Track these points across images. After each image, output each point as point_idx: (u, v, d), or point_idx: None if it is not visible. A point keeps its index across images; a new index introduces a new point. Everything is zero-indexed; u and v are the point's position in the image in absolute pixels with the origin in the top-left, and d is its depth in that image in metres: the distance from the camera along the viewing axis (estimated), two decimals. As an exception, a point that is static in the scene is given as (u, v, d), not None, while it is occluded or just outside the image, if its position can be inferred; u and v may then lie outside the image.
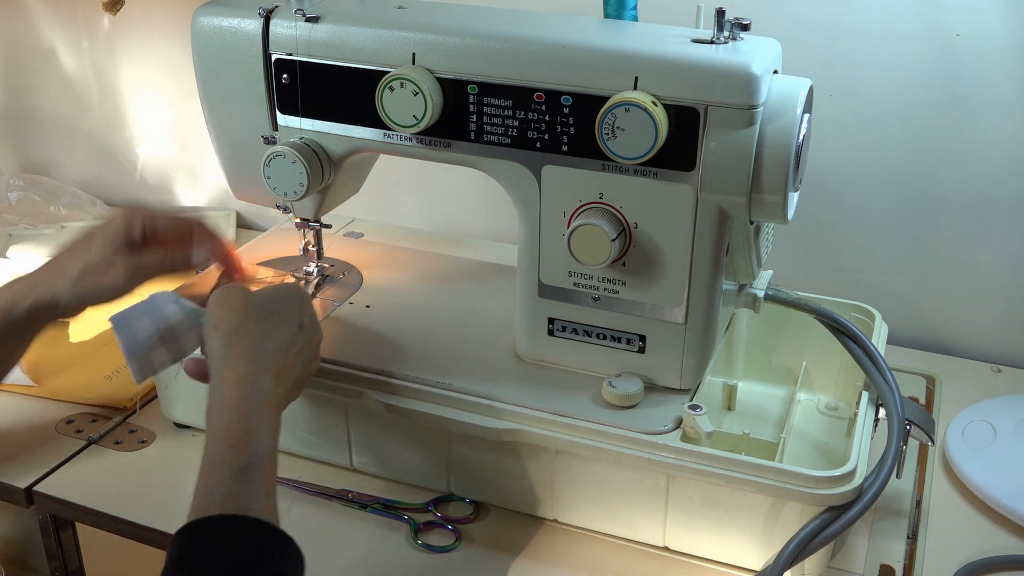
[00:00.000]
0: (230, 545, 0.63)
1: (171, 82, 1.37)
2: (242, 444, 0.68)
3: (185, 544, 0.62)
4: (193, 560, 0.62)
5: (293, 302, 0.77)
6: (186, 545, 0.62)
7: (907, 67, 1.01)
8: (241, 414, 0.69)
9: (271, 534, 0.65)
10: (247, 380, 0.71)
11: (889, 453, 0.77)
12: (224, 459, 0.67)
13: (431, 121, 0.79)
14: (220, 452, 0.67)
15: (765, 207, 0.74)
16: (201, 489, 0.66)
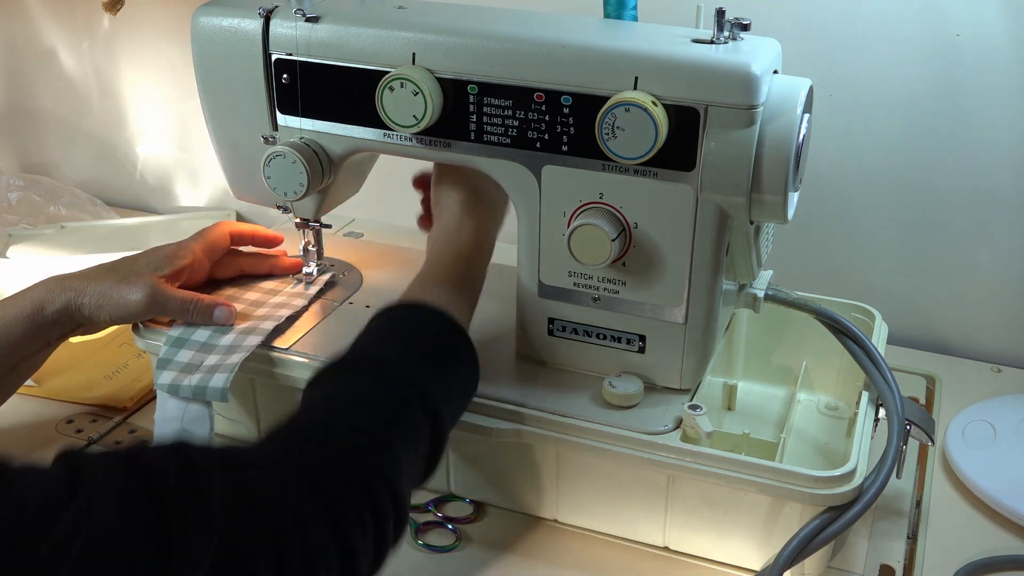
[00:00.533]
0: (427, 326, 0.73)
1: (171, 82, 1.37)
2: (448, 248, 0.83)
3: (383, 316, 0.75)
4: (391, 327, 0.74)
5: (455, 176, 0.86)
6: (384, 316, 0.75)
7: (907, 67, 1.01)
8: None
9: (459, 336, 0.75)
10: None
11: (889, 453, 0.77)
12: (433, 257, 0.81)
13: (431, 121, 0.79)
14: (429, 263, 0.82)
15: (765, 207, 0.74)
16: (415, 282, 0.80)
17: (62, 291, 0.83)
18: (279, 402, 0.88)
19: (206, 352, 0.86)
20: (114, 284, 0.84)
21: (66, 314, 0.83)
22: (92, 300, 0.83)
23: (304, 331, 0.90)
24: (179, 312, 0.87)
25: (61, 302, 0.83)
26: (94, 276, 0.85)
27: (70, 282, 0.84)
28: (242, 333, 0.87)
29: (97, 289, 0.84)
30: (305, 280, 0.98)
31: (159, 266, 0.87)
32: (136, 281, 0.85)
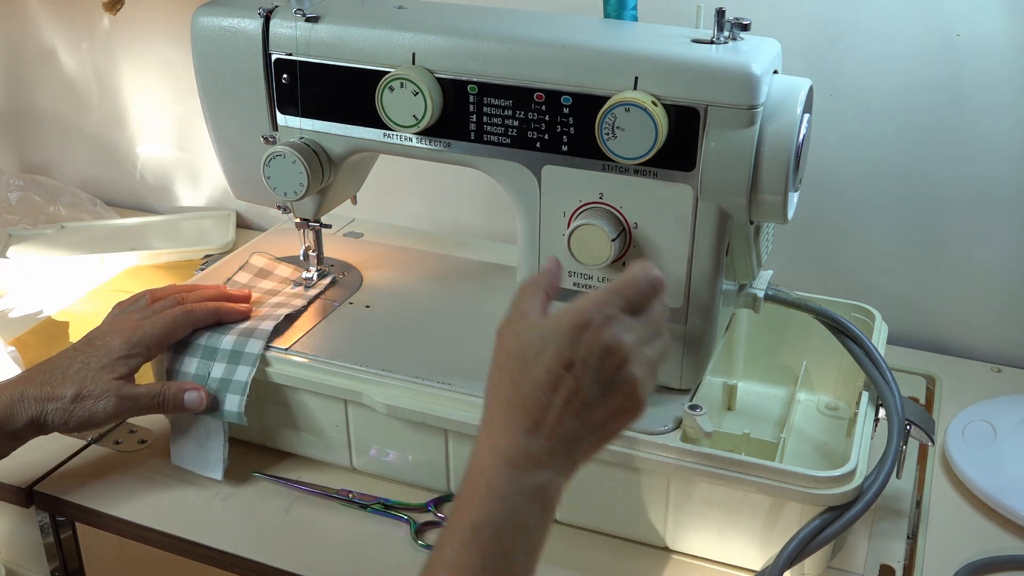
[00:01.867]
0: None
1: (171, 82, 1.37)
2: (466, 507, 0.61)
3: None
4: None
5: (561, 334, 0.63)
6: None
7: (907, 67, 1.01)
8: (474, 479, 0.62)
9: None
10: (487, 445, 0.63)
11: (889, 453, 0.77)
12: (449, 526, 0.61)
13: (431, 121, 0.79)
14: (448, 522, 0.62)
15: (765, 207, 0.74)
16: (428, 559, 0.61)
17: (23, 407, 0.81)
18: (279, 402, 0.88)
19: (210, 359, 0.86)
20: (74, 398, 0.81)
21: (31, 428, 0.82)
22: (57, 417, 0.81)
23: (304, 331, 0.90)
24: (150, 408, 0.84)
25: (24, 419, 0.81)
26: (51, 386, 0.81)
27: (30, 394, 0.81)
28: (242, 335, 0.87)
29: (58, 405, 0.81)
30: (305, 283, 0.98)
31: (114, 367, 0.83)
32: (96, 391, 0.82)
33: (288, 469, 0.90)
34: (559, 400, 0.62)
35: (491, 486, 0.61)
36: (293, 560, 0.80)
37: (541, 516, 0.62)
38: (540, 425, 0.62)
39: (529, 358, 0.63)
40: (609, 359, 0.63)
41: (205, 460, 0.87)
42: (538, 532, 0.62)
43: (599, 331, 0.63)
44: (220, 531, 0.84)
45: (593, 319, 0.63)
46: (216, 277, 0.99)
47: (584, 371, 0.62)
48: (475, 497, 0.61)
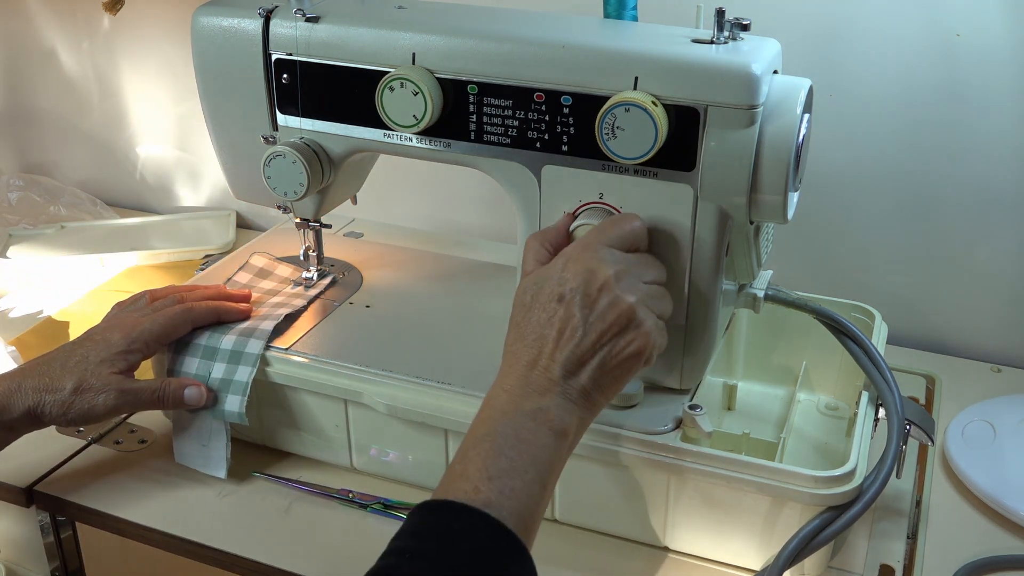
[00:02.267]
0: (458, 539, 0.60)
1: (171, 82, 1.38)
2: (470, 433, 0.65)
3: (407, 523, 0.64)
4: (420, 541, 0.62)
5: (550, 273, 0.69)
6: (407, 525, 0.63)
7: (907, 67, 1.01)
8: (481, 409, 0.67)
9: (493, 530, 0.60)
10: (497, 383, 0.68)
11: (889, 453, 0.77)
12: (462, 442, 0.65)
13: (431, 121, 0.79)
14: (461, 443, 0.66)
15: (765, 207, 0.74)
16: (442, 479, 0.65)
17: (21, 397, 0.80)
18: (279, 402, 0.88)
19: (210, 359, 0.86)
20: (74, 391, 0.81)
21: (26, 420, 0.81)
22: (55, 408, 0.80)
23: (304, 331, 0.90)
24: (150, 404, 0.84)
25: (21, 409, 0.80)
26: (49, 378, 0.81)
27: (28, 385, 0.80)
28: (242, 335, 0.87)
29: (57, 397, 0.80)
30: (305, 283, 0.98)
31: (113, 361, 0.83)
32: (96, 384, 0.81)
33: (288, 469, 0.90)
34: (554, 331, 0.67)
35: (494, 410, 0.65)
36: (293, 560, 0.80)
37: (550, 437, 0.65)
38: (538, 358, 0.67)
39: (527, 302, 0.69)
40: (592, 281, 0.68)
41: (208, 459, 0.87)
42: (547, 452, 0.64)
43: (579, 260, 0.69)
44: (220, 531, 0.84)
45: (575, 252, 0.70)
46: (216, 277, 0.99)
47: (572, 299, 0.67)
48: (479, 420, 0.66)
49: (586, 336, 0.67)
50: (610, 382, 0.68)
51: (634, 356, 0.68)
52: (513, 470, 0.62)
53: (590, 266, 0.68)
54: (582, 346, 0.67)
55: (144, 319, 0.86)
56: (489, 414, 0.65)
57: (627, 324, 0.68)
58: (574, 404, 0.66)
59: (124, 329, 0.85)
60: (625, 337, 0.68)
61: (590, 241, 0.71)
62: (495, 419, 0.65)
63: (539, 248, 0.75)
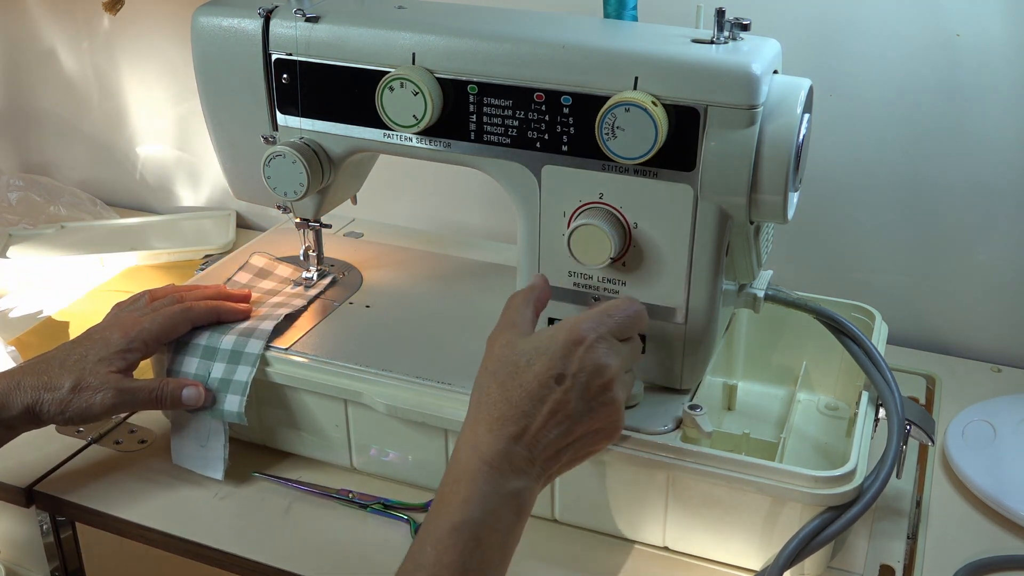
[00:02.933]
0: None
1: (171, 82, 1.38)
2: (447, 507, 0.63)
3: None
4: None
5: (554, 347, 0.66)
6: None
7: (907, 67, 1.01)
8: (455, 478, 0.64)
9: None
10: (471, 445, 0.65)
11: (889, 453, 0.77)
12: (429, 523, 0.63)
13: (431, 121, 0.79)
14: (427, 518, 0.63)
15: (765, 207, 0.74)
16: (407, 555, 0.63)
17: (20, 395, 0.80)
18: (279, 402, 0.88)
19: (210, 359, 0.86)
20: (72, 389, 0.80)
21: (26, 418, 0.81)
22: (53, 407, 0.80)
23: (304, 331, 0.90)
24: (148, 403, 0.84)
25: (20, 407, 0.80)
26: (48, 376, 0.81)
27: (27, 383, 0.80)
28: (242, 335, 0.87)
29: (55, 396, 0.80)
30: (305, 283, 0.98)
31: (112, 360, 0.82)
32: (94, 382, 0.81)
33: (288, 469, 0.90)
34: (546, 411, 0.65)
35: (472, 488, 0.63)
36: (293, 560, 0.80)
37: (516, 520, 0.64)
38: (524, 432, 0.65)
39: (521, 366, 0.66)
40: (597, 377, 0.66)
41: (206, 460, 0.87)
42: (512, 534, 0.64)
43: (591, 349, 0.67)
44: (220, 531, 0.84)
45: (587, 337, 0.67)
46: (216, 277, 0.99)
47: (573, 386, 0.65)
48: (456, 499, 0.63)
49: (575, 427, 0.66)
50: (571, 466, 0.69)
51: (601, 447, 0.69)
52: (485, 561, 0.62)
53: (600, 361, 0.66)
54: (569, 435, 0.66)
55: (143, 318, 0.86)
56: (467, 493, 0.63)
57: (612, 425, 0.68)
58: (540, 483, 0.66)
59: (123, 328, 0.85)
60: (603, 432, 0.68)
61: (600, 324, 0.68)
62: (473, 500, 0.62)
63: (530, 306, 0.73)
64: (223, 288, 0.94)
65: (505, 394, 0.66)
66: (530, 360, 0.66)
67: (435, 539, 0.61)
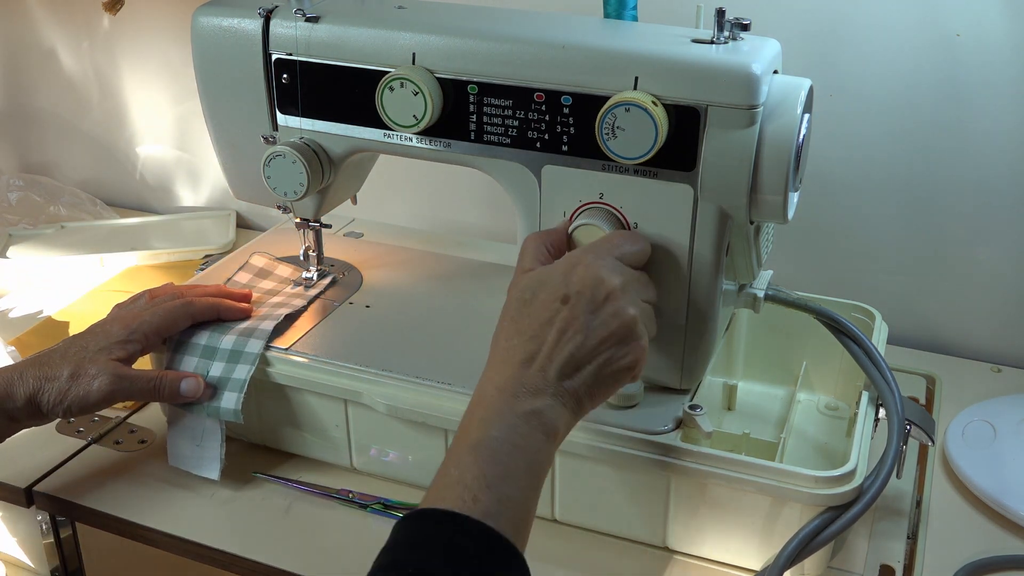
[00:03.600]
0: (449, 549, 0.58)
1: (171, 82, 1.38)
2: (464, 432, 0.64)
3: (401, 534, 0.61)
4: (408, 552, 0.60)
5: (555, 273, 0.69)
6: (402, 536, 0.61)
7: (907, 67, 1.01)
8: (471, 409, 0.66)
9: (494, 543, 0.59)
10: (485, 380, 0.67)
11: (889, 453, 0.77)
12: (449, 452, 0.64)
13: (431, 121, 0.79)
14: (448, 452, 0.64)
15: (765, 207, 0.74)
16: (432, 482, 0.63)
17: (22, 385, 0.80)
18: (279, 402, 0.88)
19: (209, 358, 0.86)
20: (71, 377, 0.80)
21: (28, 410, 0.80)
22: (53, 396, 0.80)
23: (304, 331, 0.90)
24: (146, 393, 0.84)
25: (23, 397, 0.80)
26: (49, 367, 0.81)
27: (29, 373, 0.80)
28: (242, 335, 0.87)
29: (55, 385, 0.80)
30: (305, 283, 0.98)
31: (111, 349, 0.83)
32: (93, 371, 0.81)
33: (288, 469, 0.90)
34: (554, 331, 0.66)
35: (487, 411, 0.64)
36: (293, 560, 0.80)
37: (542, 441, 0.64)
38: (535, 356, 0.66)
39: (527, 299, 0.68)
40: (600, 288, 0.68)
41: (201, 460, 0.87)
42: (540, 456, 0.64)
43: (590, 267, 0.69)
44: (220, 531, 0.84)
45: (585, 257, 0.70)
46: (216, 277, 0.99)
47: (577, 302, 0.67)
48: (471, 421, 0.64)
49: (587, 340, 0.66)
50: (601, 390, 0.68)
51: (627, 369, 0.68)
52: (509, 476, 0.62)
53: (599, 273, 0.68)
54: (582, 349, 0.66)
55: (144, 312, 0.86)
56: (483, 415, 0.65)
57: (627, 336, 0.68)
58: (564, 407, 0.66)
59: (124, 321, 0.85)
60: (623, 348, 0.68)
61: (600, 249, 0.71)
62: (490, 421, 0.64)
63: (539, 247, 0.75)
64: (223, 287, 0.94)
65: (516, 327, 0.68)
66: (535, 291, 0.68)
67: (455, 459, 0.63)
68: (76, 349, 0.83)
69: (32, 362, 0.82)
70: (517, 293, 0.70)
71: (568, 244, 0.77)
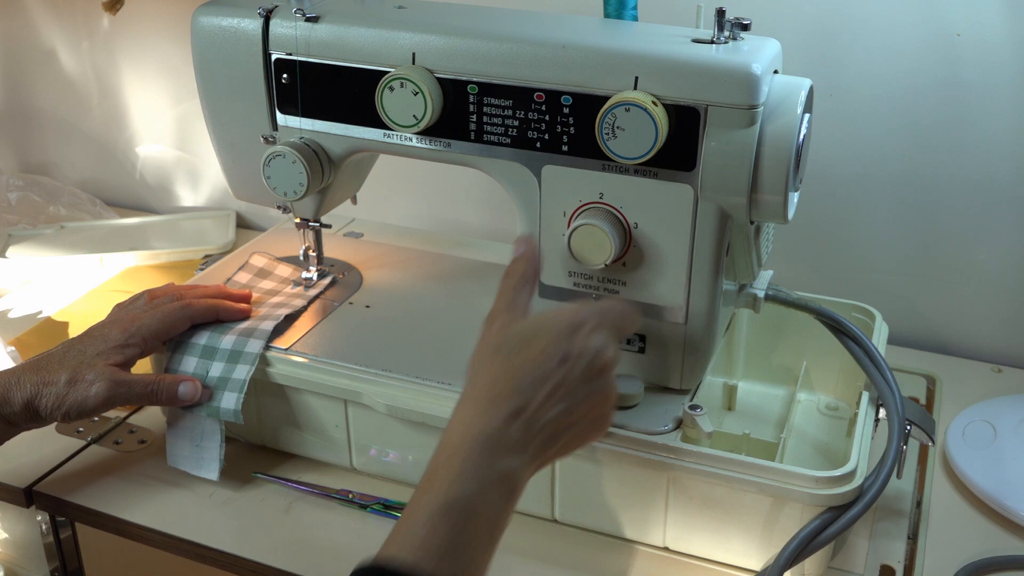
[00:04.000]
0: None
1: (171, 82, 1.38)
2: (439, 482, 0.61)
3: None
4: None
5: (557, 328, 0.66)
6: None
7: (907, 67, 1.01)
8: (449, 453, 0.62)
9: None
10: (467, 421, 0.64)
11: (889, 453, 0.77)
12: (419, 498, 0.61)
13: (431, 121, 0.79)
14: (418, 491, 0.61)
15: (765, 207, 0.74)
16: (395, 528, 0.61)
17: (20, 390, 0.80)
18: (279, 402, 0.88)
19: (209, 358, 0.86)
20: (68, 382, 0.80)
21: (26, 414, 0.80)
22: (51, 401, 0.80)
23: (304, 331, 0.90)
24: (143, 397, 0.84)
25: (20, 402, 0.80)
26: (46, 371, 0.81)
27: (26, 379, 0.80)
28: (242, 335, 0.87)
29: (53, 390, 0.80)
30: (305, 283, 0.98)
31: (109, 354, 0.82)
32: (90, 376, 0.81)
33: (288, 469, 0.90)
34: (546, 390, 0.64)
35: (465, 465, 0.61)
36: (293, 560, 0.80)
37: (506, 503, 0.63)
38: (522, 411, 0.63)
39: (523, 346, 0.66)
40: (598, 360, 0.66)
41: (200, 460, 0.87)
42: (501, 518, 0.63)
43: (593, 332, 0.66)
44: (220, 531, 0.84)
45: (589, 320, 0.67)
46: (216, 277, 0.99)
47: (575, 366, 0.65)
48: (448, 474, 0.61)
49: (572, 408, 0.64)
50: (560, 454, 0.66)
51: (586, 442, 0.67)
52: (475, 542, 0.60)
53: (601, 343, 0.66)
54: (565, 415, 0.64)
55: (143, 315, 0.86)
56: (461, 468, 0.61)
57: (604, 415, 0.67)
58: (531, 466, 0.64)
59: (122, 324, 0.85)
60: (596, 424, 0.67)
61: (605, 315, 0.68)
62: (467, 476, 0.61)
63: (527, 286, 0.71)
64: (223, 288, 0.94)
65: (505, 372, 0.65)
66: (532, 340, 0.66)
67: (426, 516, 0.60)
68: (74, 354, 0.83)
69: (30, 367, 0.82)
70: (512, 335, 0.67)
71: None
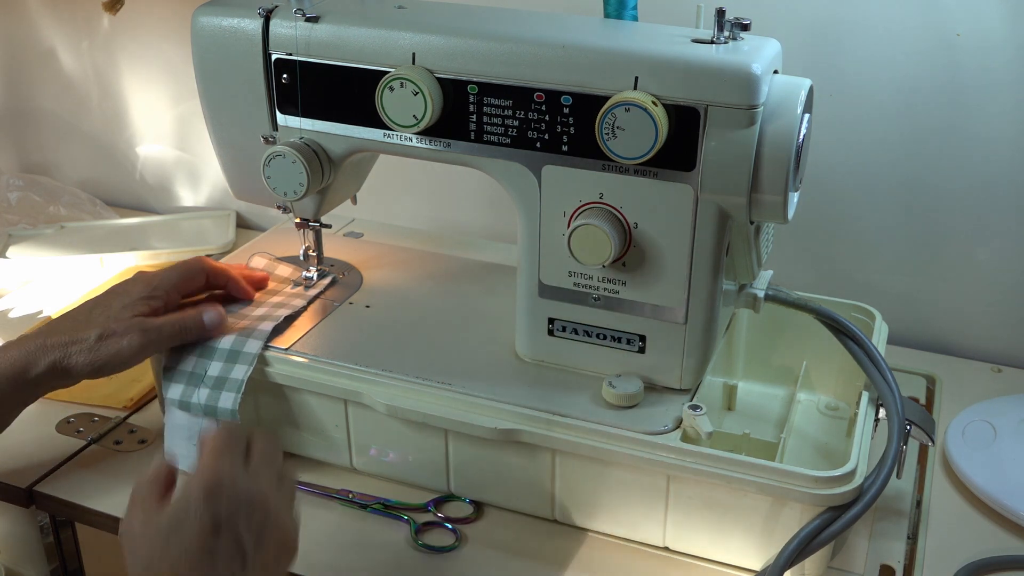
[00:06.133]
0: None
1: (171, 82, 1.38)
2: None
3: None
4: None
5: (196, 506, 0.61)
6: None
7: (907, 67, 1.01)
8: None
9: None
10: None
11: (889, 453, 0.77)
12: None
13: (431, 121, 0.79)
14: None
15: (765, 207, 0.74)
16: None
17: (44, 353, 0.80)
18: (279, 402, 0.88)
19: (207, 358, 0.86)
20: (99, 338, 0.81)
21: (51, 375, 0.80)
22: (81, 358, 0.80)
23: (304, 331, 0.90)
24: (174, 337, 0.84)
25: (45, 364, 0.79)
26: (73, 332, 0.81)
27: (52, 342, 0.80)
28: (242, 335, 0.87)
29: (82, 347, 0.80)
30: (305, 283, 0.98)
31: (135, 305, 0.84)
32: (119, 328, 0.81)
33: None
34: (220, 565, 0.60)
35: None
36: (293, 560, 0.80)
37: None
38: None
39: (167, 539, 0.61)
40: (256, 510, 0.62)
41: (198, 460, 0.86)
42: None
43: (234, 485, 0.62)
44: (220, 531, 0.83)
45: (222, 476, 0.63)
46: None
47: (234, 527, 0.61)
48: None
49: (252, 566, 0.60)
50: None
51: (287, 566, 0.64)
52: None
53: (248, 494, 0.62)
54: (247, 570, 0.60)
55: (161, 271, 0.89)
56: None
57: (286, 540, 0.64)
58: None
59: (144, 280, 0.87)
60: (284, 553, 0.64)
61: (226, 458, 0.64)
62: None
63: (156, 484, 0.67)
64: (244, 267, 0.97)
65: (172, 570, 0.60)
66: (175, 528, 0.61)
67: None
68: (100, 311, 0.84)
69: (54, 329, 0.82)
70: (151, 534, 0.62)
71: None
